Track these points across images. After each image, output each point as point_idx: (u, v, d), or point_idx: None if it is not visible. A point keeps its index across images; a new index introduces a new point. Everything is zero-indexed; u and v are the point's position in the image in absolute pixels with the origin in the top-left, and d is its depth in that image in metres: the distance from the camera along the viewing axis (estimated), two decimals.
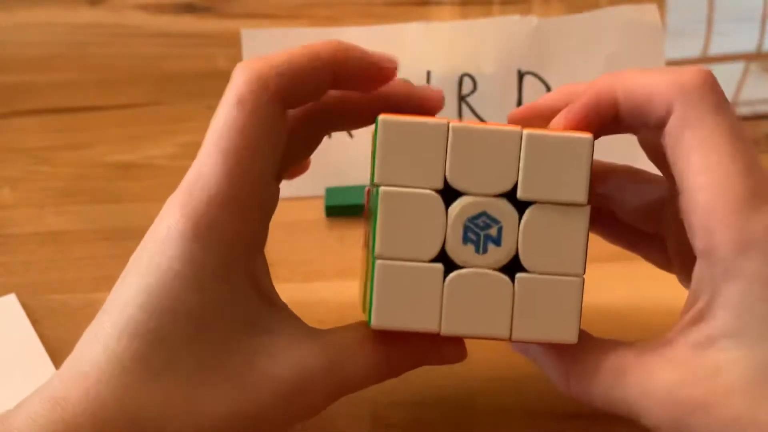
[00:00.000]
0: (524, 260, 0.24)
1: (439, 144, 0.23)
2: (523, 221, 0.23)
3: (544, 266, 0.23)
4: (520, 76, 0.43)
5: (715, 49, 0.60)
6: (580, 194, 0.23)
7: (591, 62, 0.43)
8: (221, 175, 0.22)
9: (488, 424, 0.29)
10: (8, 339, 0.33)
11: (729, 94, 0.54)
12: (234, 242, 0.23)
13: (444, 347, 0.26)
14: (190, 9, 0.58)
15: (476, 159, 0.23)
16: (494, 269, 0.24)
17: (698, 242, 0.22)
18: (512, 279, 0.24)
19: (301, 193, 0.39)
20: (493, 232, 0.23)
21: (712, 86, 0.23)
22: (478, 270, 0.23)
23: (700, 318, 0.22)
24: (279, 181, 0.26)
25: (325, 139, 0.43)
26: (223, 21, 0.57)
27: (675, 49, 0.58)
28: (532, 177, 0.23)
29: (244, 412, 0.22)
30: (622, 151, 0.42)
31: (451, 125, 0.23)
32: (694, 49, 0.59)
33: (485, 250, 0.23)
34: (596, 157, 0.24)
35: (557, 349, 0.25)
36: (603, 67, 0.43)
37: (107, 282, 0.37)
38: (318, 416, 0.27)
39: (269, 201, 0.25)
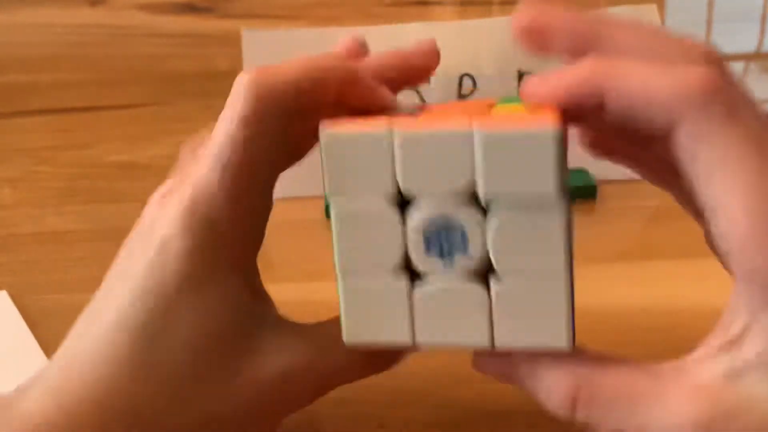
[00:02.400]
0: (497, 265, 0.21)
1: (385, 152, 0.21)
2: (489, 223, 0.21)
3: (521, 268, 0.21)
4: (520, 76, 0.43)
5: None
6: (550, 189, 0.20)
7: None
8: (224, 193, 0.23)
9: (485, 425, 0.29)
10: (1, 336, 0.33)
11: None
12: (234, 254, 0.23)
13: None
14: (190, 9, 0.58)
15: (428, 163, 0.21)
16: (465, 277, 0.21)
17: (737, 267, 0.20)
18: (488, 286, 0.21)
19: (301, 193, 0.39)
20: (457, 238, 0.21)
21: (722, 90, 0.20)
22: (445, 284, 0.21)
23: (733, 344, 0.20)
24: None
25: None
26: (224, 21, 0.57)
27: None
28: (491, 177, 0.20)
29: (232, 411, 0.23)
30: None
31: (395, 132, 0.21)
32: None
33: (451, 259, 0.21)
34: None
35: (560, 367, 0.22)
36: None
37: None
38: (309, 416, 0.27)
39: (267, 209, 0.25)
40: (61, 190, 0.44)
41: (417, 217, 0.21)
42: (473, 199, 0.21)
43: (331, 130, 0.21)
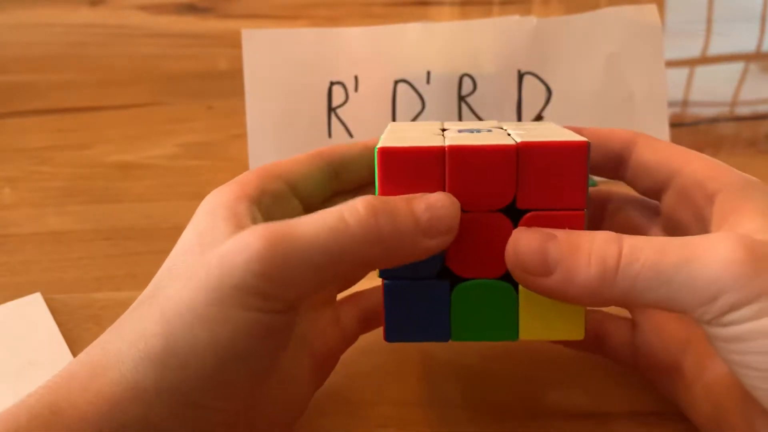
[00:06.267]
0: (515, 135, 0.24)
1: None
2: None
3: (535, 133, 0.24)
4: (520, 76, 0.43)
5: (714, 49, 0.60)
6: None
7: (591, 62, 0.43)
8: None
9: (484, 425, 0.29)
10: (33, 338, 0.33)
11: (728, 95, 0.54)
12: (219, 200, 0.24)
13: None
14: (190, 9, 0.58)
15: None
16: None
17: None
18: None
19: None
20: (485, 129, 0.25)
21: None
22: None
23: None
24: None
25: (326, 138, 0.43)
26: (224, 21, 0.57)
27: (675, 49, 0.58)
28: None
29: (191, 282, 0.22)
30: None
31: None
32: (694, 49, 0.59)
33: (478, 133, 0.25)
34: None
35: (604, 234, 0.23)
36: (603, 67, 0.43)
37: (107, 282, 0.37)
38: (309, 416, 0.27)
39: None
40: (61, 190, 0.44)
41: None
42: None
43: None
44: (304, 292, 0.22)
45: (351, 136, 0.42)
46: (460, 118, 0.43)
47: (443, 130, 0.27)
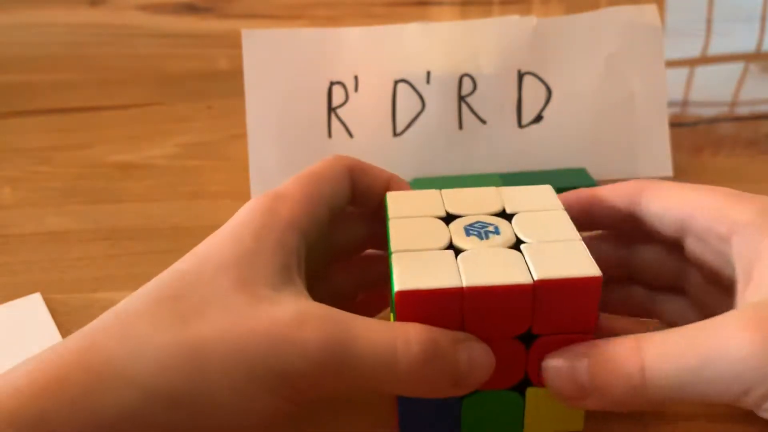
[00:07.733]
0: (525, 238, 0.25)
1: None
2: (513, 220, 0.26)
3: (545, 238, 0.25)
4: (520, 76, 0.43)
5: (714, 49, 0.60)
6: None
7: (591, 62, 0.43)
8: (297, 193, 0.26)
9: None
10: (33, 338, 0.33)
11: (728, 95, 0.54)
12: (270, 220, 0.25)
13: (468, 343, 0.24)
14: (190, 9, 0.58)
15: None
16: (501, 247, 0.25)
17: None
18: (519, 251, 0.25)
19: None
20: (491, 228, 0.26)
21: None
22: (487, 248, 0.25)
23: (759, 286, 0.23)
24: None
25: (326, 139, 0.43)
26: (224, 21, 0.57)
27: (675, 49, 0.58)
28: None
29: (233, 335, 0.22)
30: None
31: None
32: (694, 49, 0.59)
33: (487, 238, 0.26)
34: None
35: (626, 344, 0.23)
36: (603, 67, 0.43)
37: (107, 282, 0.37)
38: (311, 414, 0.27)
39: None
40: (61, 190, 0.44)
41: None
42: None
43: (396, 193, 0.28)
44: (336, 396, 0.24)
45: (351, 136, 0.42)
46: (460, 118, 0.43)
47: (447, 214, 0.27)
